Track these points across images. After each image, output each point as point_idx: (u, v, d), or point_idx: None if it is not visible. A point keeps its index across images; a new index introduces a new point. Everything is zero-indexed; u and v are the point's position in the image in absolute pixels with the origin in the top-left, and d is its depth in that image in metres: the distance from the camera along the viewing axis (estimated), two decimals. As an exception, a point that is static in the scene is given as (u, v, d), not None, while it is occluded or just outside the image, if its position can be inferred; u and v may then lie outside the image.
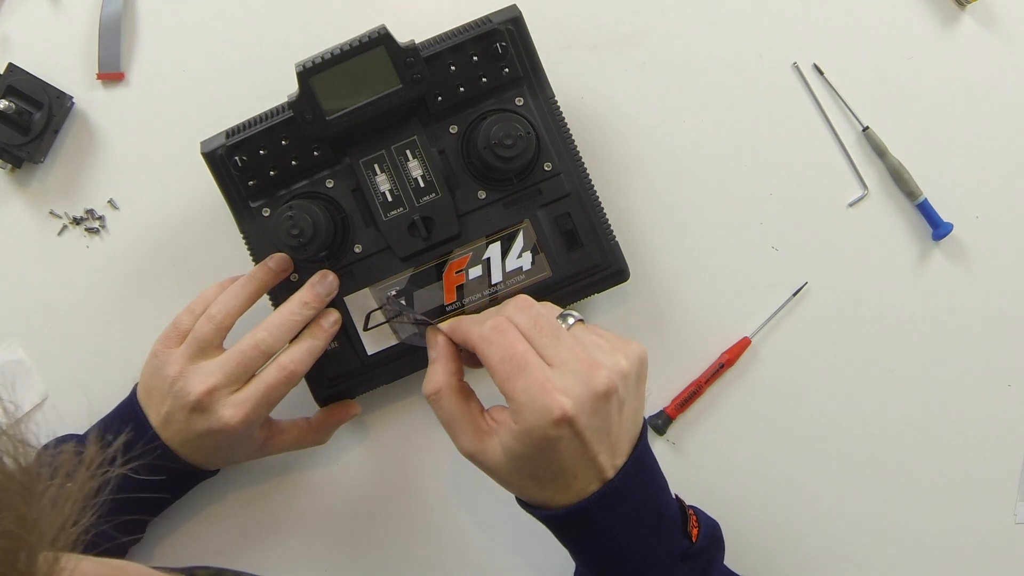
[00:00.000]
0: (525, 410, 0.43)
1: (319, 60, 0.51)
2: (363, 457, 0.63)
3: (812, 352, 0.63)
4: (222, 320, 0.54)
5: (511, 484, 0.47)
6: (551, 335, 0.45)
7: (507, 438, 0.45)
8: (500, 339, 0.45)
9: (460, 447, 0.47)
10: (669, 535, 0.48)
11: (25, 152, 0.60)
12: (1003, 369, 0.63)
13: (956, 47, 0.62)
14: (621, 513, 0.46)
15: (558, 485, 0.45)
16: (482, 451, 0.46)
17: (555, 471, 0.45)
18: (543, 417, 0.42)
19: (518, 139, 0.53)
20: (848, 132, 0.62)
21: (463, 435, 0.47)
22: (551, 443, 0.43)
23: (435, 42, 0.55)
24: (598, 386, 0.43)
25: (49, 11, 0.62)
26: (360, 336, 0.57)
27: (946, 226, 0.61)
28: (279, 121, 0.55)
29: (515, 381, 0.43)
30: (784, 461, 0.63)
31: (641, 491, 0.47)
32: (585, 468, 0.45)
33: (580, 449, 0.44)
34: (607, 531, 0.46)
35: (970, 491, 0.63)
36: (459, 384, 0.49)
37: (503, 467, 0.46)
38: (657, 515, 0.48)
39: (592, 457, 0.45)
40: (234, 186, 0.56)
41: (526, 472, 0.45)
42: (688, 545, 0.48)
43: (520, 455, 0.44)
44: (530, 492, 0.47)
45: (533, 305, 0.47)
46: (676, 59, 0.62)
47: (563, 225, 0.56)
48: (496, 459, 0.46)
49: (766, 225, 0.62)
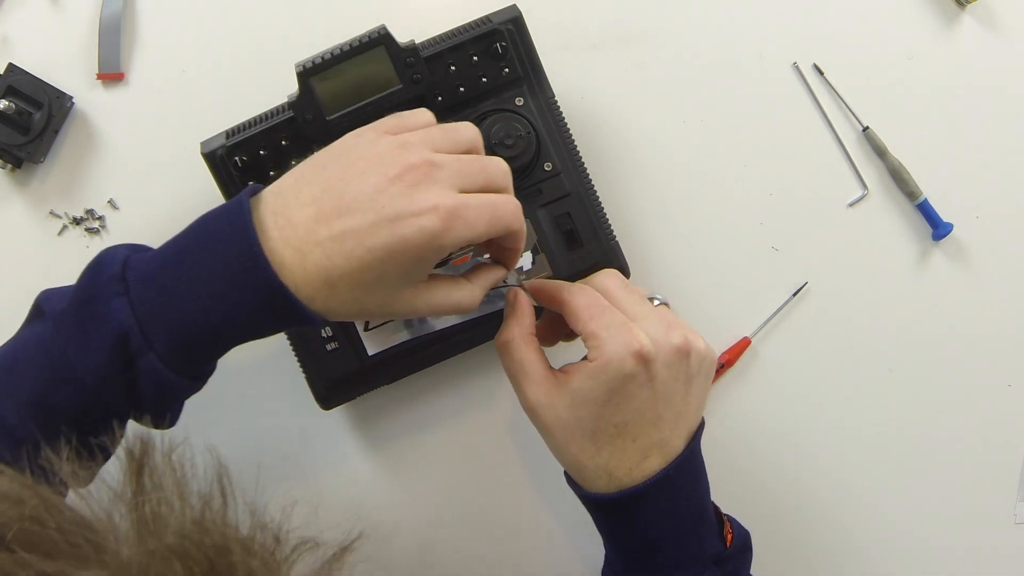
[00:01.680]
0: (606, 344, 0.45)
1: (319, 60, 0.51)
2: (362, 458, 0.63)
3: (812, 352, 0.63)
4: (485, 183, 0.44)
5: (569, 442, 0.46)
6: (638, 298, 0.48)
7: (579, 380, 0.45)
8: (587, 292, 0.47)
9: (526, 398, 0.47)
10: (709, 535, 0.49)
11: (25, 152, 0.60)
12: (1003, 369, 0.63)
13: (956, 47, 0.62)
14: (670, 503, 0.47)
15: (617, 446, 0.46)
16: (548, 404, 0.46)
17: (619, 424, 0.45)
18: (623, 348, 0.44)
19: (518, 139, 0.53)
20: (848, 132, 0.62)
21: (531, 384, 0.47)
22: (626, 380, 0.44)
23: (435, 42, 0.55)
24: (675, 340, 0.46)
25: (49, 11, 0.62)
26: (361, 336, 0.57)
27: (946, 226, 0.61)
28: (279, 121, 0.55)
29: (598, 320, 0.45)
30: (783, 461, 0.63)
31: (691, 485, 0.48)
32: (646, 432, 0.46)
33: (649, 400, 0.45)
34: (657, 519, 0.47)
35: (970, 491, 0.63)
36: (531, 336, 0.49)
37: (564, 422, 0.46)
38: (701, 513, 0.49)
39: (656, 416, 0.46)
40: (234, 186, 0.56)
41: (588, 425, 0.46)
42: (722, 549, 0.49)
43: (590, 398, 0.45)
44: (586, 458, 0.46)
45: (623, 277, 0.50)
46: (676, 59, 0.62)
47: (563, 225, 0.56)
48: (559, 412, 0.46)
49: (766, 225, 0.62)
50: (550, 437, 0.47)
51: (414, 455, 0.63)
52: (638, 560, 0.49)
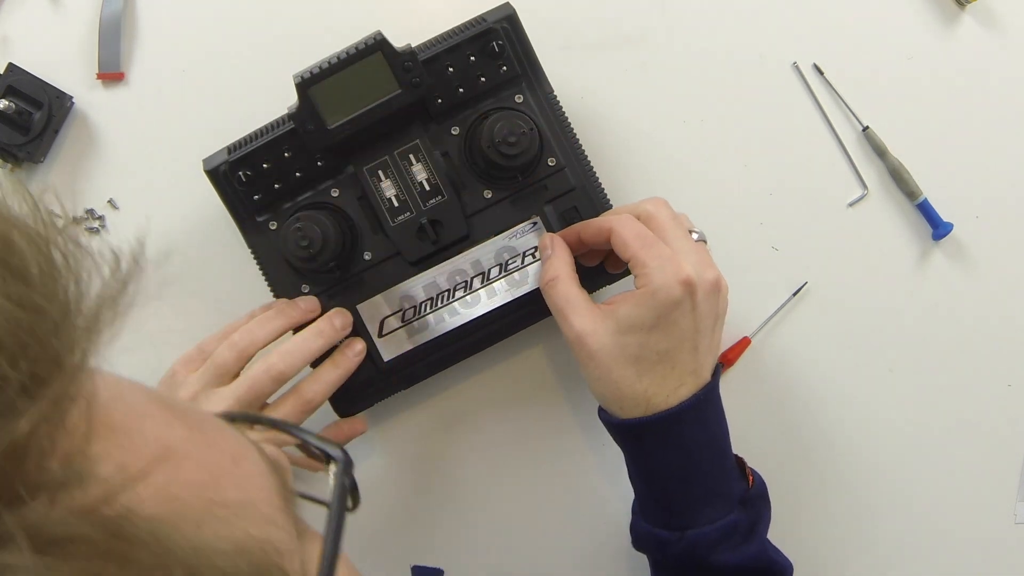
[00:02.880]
0: (655, 273, 0.47)
1: (317, 70, 0.51)
2: (380, 463, 0.63)
3: (812, 352, 0.63)
4: (244, 349, 0.53)
5: (612, 369, 0.49)
6: (683, 232, 0.50)
7: (627, 308, 0.48)
8: (634, 222, 0.50)
9: (572, 328, 0.49)
10: (733, 471, 0.52)
11: (25, 152, 0.60)
12: (1003, 369, 0.63)
13: (956, 47, 0.62)
14: (702, 429, 0.50)
15: (657, 373, 0.48)
16: (593, 331, 0.49)
17: (662, 351, 0.48)
18: (672, 276, 0.47)
19: (521, 136, 0.53)
20: (848, 132, 0.62)
21: (577, 315, 0.49)
22: (673, 307, 0.47)
23: (431, 45, 0.55)
24: (711, 276, 0.49)
25: (49, 11, 0.62)
26: (376, 343, 0.57)
27: (946, 226, 0.61)
28: (280, 133, 0.54)
29: (648, 250, 0.48)
30: (783, 461, 0.63)
31: (717, 416, 0.51)
32: (684, 359, 0.49)
33: (691, 328, 0.48)
34: (691, 443, 0.49)
35: (970, 491, 0.63)
36: (574, 273, 0.52)
37: (608, 349, 0.48)
38: (726, 446, 0.52)
39: (695, 347, 0.49)
40: (239, 201, 0.56)
41: (633, 352, 0.48)
42: (745, 488, 0.52)
43: (637, 324, 0.48)
44: (625, 385, 0.49)
45: (670, 206, 0.52)
46: (676, 59, 0.62)
47: (570, 219, 0.56)
48: (604, 340, 0.49)
49: (766, 225, 0.62)
50: (594, 364, 0.49)
51: (431, 460, 0.63)
52: (673, 496, 0.51)
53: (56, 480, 0.21)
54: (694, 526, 0.50)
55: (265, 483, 0.29)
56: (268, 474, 0.30)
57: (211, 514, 0.25)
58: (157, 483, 0.24)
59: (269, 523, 0.28)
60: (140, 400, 0.27)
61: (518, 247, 0.56)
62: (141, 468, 0.23)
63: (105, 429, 0.24)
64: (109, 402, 0.25)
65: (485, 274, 0.56)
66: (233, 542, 0.25)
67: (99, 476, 0.22)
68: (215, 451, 0.28)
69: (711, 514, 0.50)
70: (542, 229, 0.56)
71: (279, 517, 0.29)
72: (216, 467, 0.27)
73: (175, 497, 0.24)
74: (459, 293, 0.57)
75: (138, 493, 0.23)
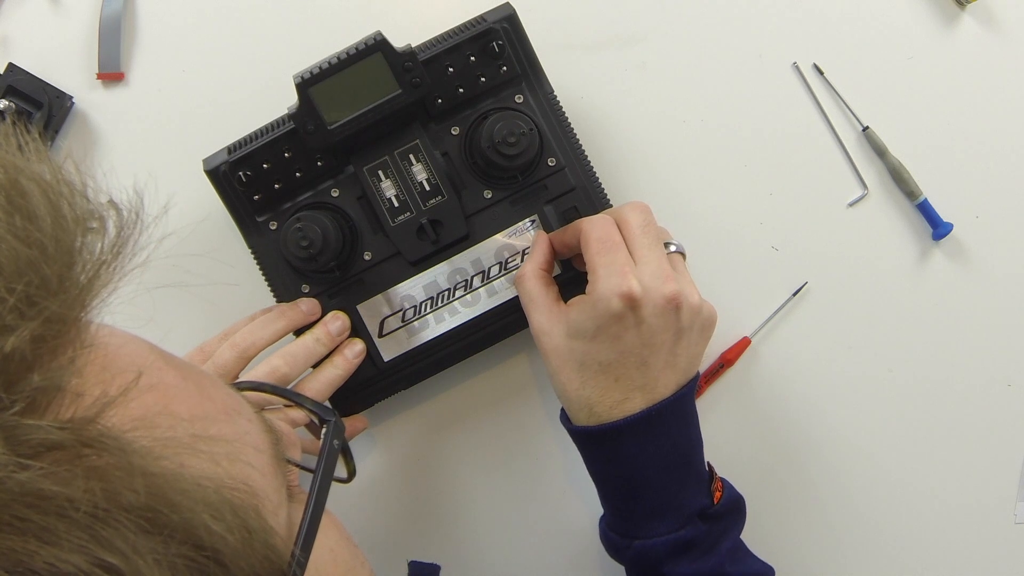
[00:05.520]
0: (600, 281, 0.47)
1: (317, 70, 0.51)
2: (380, 462, 0.63)
3: (812, 352, 0.63)
4: (245, 349, 0.53)
5: (561, 369, 0.50)
6: (651, 241, 0.50)
7: (575, 314, 0.49)
8: (604, 225, 0.49)
9: (533, 324, 0.51)
10: (694, 487, 0.50)
11: (25, 152, 0.60)
12: (1003, 369, 0.63)
13: (956, 47, 0.62)
14: (649, 444, 0.48)
15: (599, 383, 0.48)
16: (549, 331, 0.50)
17: (603, 362, 0.48)
18: (614, 288, 0.47)
19: (521, 136, 0.53)
20: (848, 132, 0.62)
21: (538, 312, 0.51)
22: (612, 319, 0.47)
23: (431, 45, 0.55)
24: (667, 291, 0.47)
25: (49, 11, 0.62)
26: (376, 344, 0.57)
27: (946, 226, 0.61)
28: (281, 134, 0.54)
29: (602, 256, 0.48)
30: (783, 461, 0.63)
31: (676, 433, 0.50)
32: (629, 374, 0.48)
33: (635, 344, 0.47)
34: (636, 458, 0.49)
35: (970, 491, 0.63)
36: (544, 273, 0.53)
37: (559, 350, 0.49)
38: (687, 463, 0.50)
39: (640, 363, 0.48)
40: (239, 201, 0.56)
41: (578, 356, 0.49)
42: (708, 504, 0.51)
43: (581, 330, 0.48)
44: (571, 387, 0.49)
45: (650, 213, 0.51)
46: (676, 59, 0.62)
47: (571, 219, 0.56)
48: (556, 340, 0.49)
49: (766, 225, 0.62)
50: (547, 363, 0.51)
51: (430, 459, 0.63)
52: (623, 505, 0.51)
53: (38, 390, 0.23)
54: (641, 537, 0.50)
55: (257, 439, 0.30)
56: (262, 433, 0.31)
57: (193, 448, 0.26)
58: (141, 411, 0.25)
59: (253, 469, 0.29)
60: (138, 347, 0.29)
61: (518, 245, 0.56)
62: (124, 391, 0.25)
63: (94, 357, 0.25)
64: (103, 339, 0.26)
65: (485, 273, 0.56)
66: (212, 478, 0.26)
67: (82, 396, 0.24)
68: (207, 400, 0.29)
69: (660, 527, 0.49)
70: (541, 227, 0.56)
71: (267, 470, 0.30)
72: (205, 412, 0.28)
73: (157, 425, 0.26)
74: (459, 292, 0.57)
75: (120, 415, 0.24)
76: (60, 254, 0.25)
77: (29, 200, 0.25)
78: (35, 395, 0.23)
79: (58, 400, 0.24)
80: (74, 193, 0.26)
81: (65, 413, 0.23)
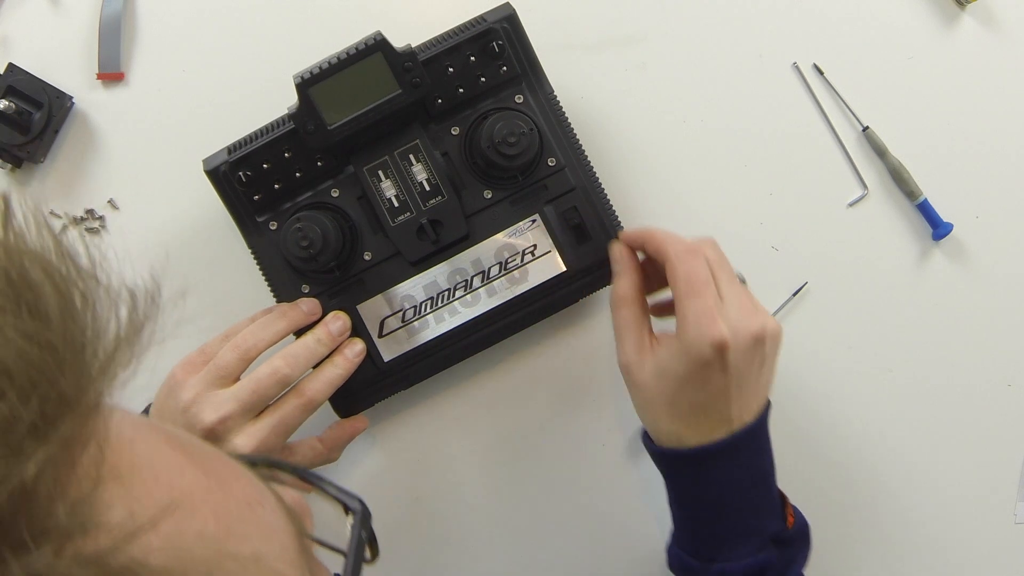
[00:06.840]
0: (691, 328, 0.47)
1: (317, 71, 0.51)
2: (379, 462, 0.63)
3: (812, 352, 0.63)
4: (247, 351, 0.53)
5: (650, 404, 0.50)
6: (729, 276, 0.50)
7: (665, 354, 0.49)
8: (692, 260, 0.49)
9: (621, 355, 0.51)
10: (769, 510, 0.51)
11: (25, 152, 0.60)
12: (1003, 369, 0.63)
13: (956, 47, 0.62)
14: (735, 468, 0.49)
15: (689, 420, 0.49)
16: (639, 363, 0.50)
17: (694, 402, 0.48)
18: (706, 336, 0.46)
19: (521, 136, 0.53)
20: (848, 132, 0.62)
21: (628, 344, 0.51)
22: (703, 366, 0.47)
23: (431, 45, 0.55)
24: (755, 328, 0.48)
25: (49, 11, 0.62)
26: (376, 344, 0.57)
27: (946, 226, 0.61)
28: (281, 134, 0.54)
29: (692, 300, 0.48)
30: (782, 461, 0.63)
31: (755, 457, 0.51)
32: (719, 409, 0.48)
33: (723, 384, 0.48)
34: (718, 482, 0.49)
35: (970, 491, 0.63)
36: (640, 298, 0.52)
37: (650, 384, 0.49)
38: (765, 486, 0.51)
39: (728, 400, 0.48)
40: (239, 201, 0.56)
41: (668, 395, 0.49)
42: (782, 528, 0.51)
43: (671, 373, 0.48)
44: (661, 422, 0.50)
45: (719, 248, 0.51)
46: (676, 59, 0.62)
47: (571, 219, 0.56)
48: (645, 377, 0.50)
49: (766, 225, 0.62)
50: (636, 395, 0.51)
51: (430, 460, 0.63)
52: (703, 529, 0.51)
53: (63, 527, 0.21)
54: (720, 560, 0.50)
55: (280, 530, 0.29)
56: (284, 520, 0.30)
57: (220, 566, 0.25)
58: (167, 533, 0.23)
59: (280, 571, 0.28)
60: (154, 442, 0.27)
61: (518, 245, 0.56)
62: (151, 517, 0.23)
63: (116, 474, 0.23)
64: (121, 445, 0.24)
65: (485, 273, 0.56)
66: None
67: (107, 524, 0.22)
68: (229, 497, 0.27)
69: (741, 551, 0.50)
70: (541, 227, 0.56)
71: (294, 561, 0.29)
72: (229, 515, 0.26)
73: (184, 548, 0.24)
74: (459, 292, 0.57)
75: (146, 543, 0.22)
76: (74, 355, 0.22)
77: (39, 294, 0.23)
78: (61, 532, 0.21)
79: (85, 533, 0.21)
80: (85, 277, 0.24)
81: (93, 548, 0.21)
